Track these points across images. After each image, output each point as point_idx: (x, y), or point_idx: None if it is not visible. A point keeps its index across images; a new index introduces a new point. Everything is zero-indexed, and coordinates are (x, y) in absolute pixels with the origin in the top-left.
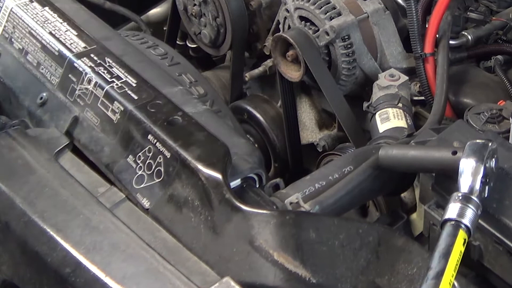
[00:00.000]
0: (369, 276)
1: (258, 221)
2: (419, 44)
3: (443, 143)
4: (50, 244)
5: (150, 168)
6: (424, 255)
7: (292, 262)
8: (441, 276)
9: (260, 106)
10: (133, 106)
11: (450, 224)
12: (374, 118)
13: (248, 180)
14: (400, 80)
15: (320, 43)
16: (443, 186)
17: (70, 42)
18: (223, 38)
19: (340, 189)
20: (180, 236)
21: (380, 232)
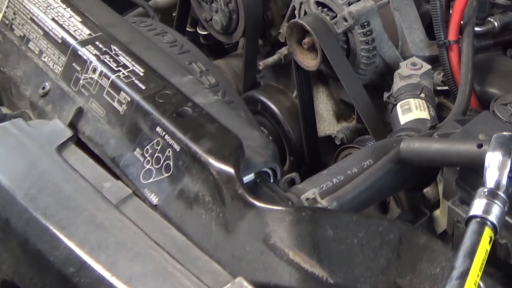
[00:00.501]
0: (389, 276)
1: (272, 218)
2: (443, 31)
3: (468, 136)
4: (52, 242)
5: (159, 162)
6: (447, 254)
7: (308, 262)
8: (465, 276)
9: (275, 96)
10: (140, 96)
11: (475, 221)
12: (395, 109)
13: (262, 174)
14: (423, 69)
15: (338, 30)
16: (467, 181)
17: (74, 29)
18: (235, 24)
19: (359, 184)
20: (190, 234)
21: (402, 230)
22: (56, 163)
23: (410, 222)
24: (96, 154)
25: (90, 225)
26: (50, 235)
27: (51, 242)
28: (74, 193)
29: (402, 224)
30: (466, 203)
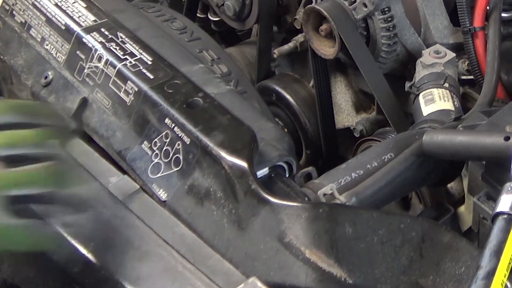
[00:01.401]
0: (411, 276)
1: (288, 214)
2: (468, 17)
3: (494, 128)
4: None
5: (168, 156)
6: (473, 253)
7: (326, 261)
8: (492, 276)
9: (290, 86)
10: (148, 86)
11: (502, 218)
12: (418, 99)
13: (277, 169)
14: (447, 57)
15: (357, 16)
16: (494, 176)
17: (78, 15)
18: (248, 10)
19: (379, 179)
20: (201, 232)
21: (424, 227)
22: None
23: (434, 219)
24: (101, 147)
25: (95, 222)
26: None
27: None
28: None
29: (425, 221)
30: (493, 199)
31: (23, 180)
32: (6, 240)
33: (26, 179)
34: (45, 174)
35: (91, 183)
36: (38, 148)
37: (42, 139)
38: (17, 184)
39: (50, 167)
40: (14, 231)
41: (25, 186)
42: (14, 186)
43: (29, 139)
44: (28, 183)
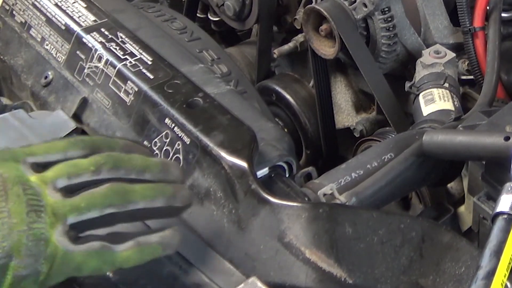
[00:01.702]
0: (411, 276)
1: (288, 214)
2: (468, 17)
3: (494, 128)
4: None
5: (168, 156)
6: (473, 253)
7: (326, 261)
8: (492, 276)
9: (290, 86)
10: (148, 86)
11: (502, 218)
12: (418, 99)
13: (277, 169)
14: (447, 57)
15: (357, 16)
16: (494, 176)
17: (78, 15)
18: (248, 10)
19: (379, 179)
20: (200, 231)
21: (424, 227)
22: None
23: (434, 219)
24: None
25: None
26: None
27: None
28: None
29: (425, 221)
30: (493, 199)
31: (83, 205)
32: (68, 268)
33: (86, 203)
34: (102, 195)
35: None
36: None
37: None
38: (77, 210)
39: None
40: (75, 257)
41: (85, 210)
42: (74, 213)
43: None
44: (87, 208)
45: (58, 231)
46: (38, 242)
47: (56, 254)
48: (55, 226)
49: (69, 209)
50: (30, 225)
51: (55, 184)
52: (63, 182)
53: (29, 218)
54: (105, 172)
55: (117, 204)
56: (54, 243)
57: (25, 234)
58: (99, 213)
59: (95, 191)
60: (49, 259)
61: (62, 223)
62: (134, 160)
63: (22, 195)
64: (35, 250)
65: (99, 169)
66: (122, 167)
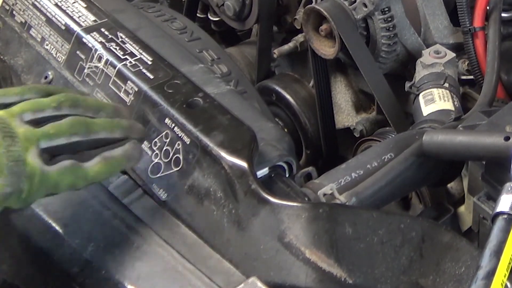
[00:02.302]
0: (411, 276)
1: (288, 214)
2: (468, 17)
3: (494, 128)
4: (55, 240)
5: (168, 156)
6: (473, 253)
7: (326, 261)
8: (492, 276)
9: (290, 86)
10: (148, 86)
11: (502, 218)
12: (418, 99)
13: (277, 169)
14: (447, 57)
15: (357, 16)
16: (494, 176)
17: (78, 15)
18: (248, 10)
19: (379, 179)
20: (200, 232)
21: (424, 227)
22: None
23: (434, 219)
24: None
25: (95, 222)
26: (53, 233)
27: (54, 240)
28: None
29: (425, 221)
30: (493, 199)
31: (52, 132)
32: (46, 185)
33: (54, 130)
34: (67, 125)
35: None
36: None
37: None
38: (47, 136)
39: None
40: (51, 175)
41: (54, 137)
42: (44, 138)
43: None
44: (56, 134)
45: (33, 153)
46: (17, 162)
47: (34, 173)
48: (29, 149)
49: (40, 135)
50: (7, 148)
51: (22, 117)
52: (28, 115)
53: (5, 142)
54: (66, 109)
55: (81, 133)
56: (31, 164)
57: (4, 155)
58: (66, 140)
59: (61, 122)
60: (29, 178)
61: (35, 147)
62: (89, 100)
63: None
64: (16, 169)
65: (60, 106)
66: (80, 105)
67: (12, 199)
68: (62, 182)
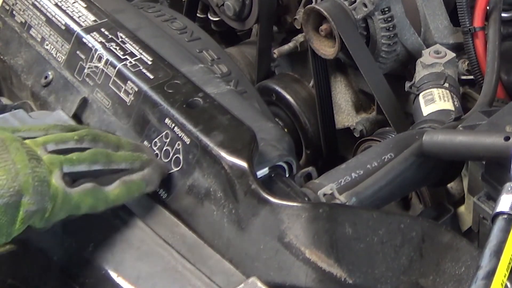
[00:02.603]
0: (411, 276)
1: (288, 214)
2: (468, 17)
3: (494, 128)
4: (55, 241)
5: (168, 156)
6: (473, 253)
7: (326, 261)
8: (492, 276)
9: (290, 86)
10: (148, 86)
11: (502, 218)
12: (418, 99)
13: (277, 169)
14: (447, 57)
15: (357, 16)
16: (494, 176)
17: (78, 15)
18: (248, 10)
19: (379, 179)
20: (201, 232)
21: (424, 227)
22: None
23: (434, 219)
24: None
25: (95, 222)
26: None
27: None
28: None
29: (425, 221)
30: (493, 199)
31: (74, 158)
32: (68, 206)
33: (76, 157)
34: (89, 154)
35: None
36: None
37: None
38: (69, 162)
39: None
40: (73, 197)
41: (76, 163)
42: (67, 163)
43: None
44: (78, 161)
45: (56, 176)
46: (42, 183)
47: (57, 194)
48: (53, 172)
49: (63, 160)
50: (33, 169)
51: (45, 147)
52: (52, 146)
53: (31, 163)
54: (87, 143)
55: (102, 162)
56: (55, 185)
57: (30, 176)
58: (88, 167)
59: (83, 152)
60: (52, 198)
61: (58, 170)
62: (111, 137)
63: (21, 148)
64: (41, 189)
65: (82, 139)
66: (101, 140)
67: (36, 217)
68: (83, 204)
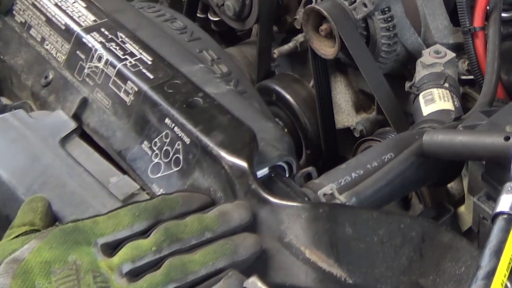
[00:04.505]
0: (411, 276)
1: (288, 214)
2: (468, 17)
3: (494, 128)
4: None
5: (168, 156)
6: (473, 253)
7: (326, 261)
8: (492, 276)
9: (290, 86)
10: (148, 86)
11: (502, 218)
12: (418, 99)
13: (277, 168)
14: (447, 57)
15: (357, 16)
16: (494, 176)
17: (78, 15)
18: (248, 10)
19: (379, 179)
20: None
21: (424, 227)
22: (60, 156)
23: (434, 219)
24: (101, 147)
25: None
26: None
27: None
28: (78, 189)
29: (425, 221)
30: (493, 199)
31: (144, 285)
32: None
33: (146, 284)
34: (163, 274)
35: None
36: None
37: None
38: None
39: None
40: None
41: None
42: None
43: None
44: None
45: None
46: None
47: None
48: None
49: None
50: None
51: (121, 270)
52: (128, 266)
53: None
54: (166, 249)
55: (178, 278)
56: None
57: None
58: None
59: (157, 273)
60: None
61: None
62: (191, 226)
63: (92, 283)
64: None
65: (160, 248)
66: (181, 239)
67: None
68: None
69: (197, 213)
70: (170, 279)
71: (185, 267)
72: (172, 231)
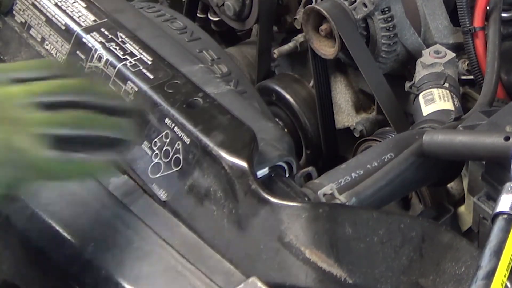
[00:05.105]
0: (411, 276)
1: (288, 214)
2: (468, 17)
3: (494, 128)
4: (55, 241)
5: (168, 156)
6: (473, 253)
7: (326, 261)
8: (492, 276)
9: (290, 86)
10: (148, 86)
11: (502, 218)
12: (418, 99)
13: (277, 168)
14: (447, 57)
15: (357, 16)
16: (494, 176)
17: (78, 15)
18: (248, 10)
19: (379, 179)
20: (201, 232)
21: (424, 227)
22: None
23: (433, 219)
24: None
25: (95, 222)
26: (53, 233)
27: (54, 240)
28: (78, 188)
29: (425, 221)
30: (493, 199)
31: (63, 121)
32: (45, 172)
33: (64, 119)
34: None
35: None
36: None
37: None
38: (57, 125)
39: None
40: (52, 163)
41: (66, 127)
42: (53, 127)
43: (69, 87)
44: (67, 123)
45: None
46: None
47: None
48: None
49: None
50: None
51: (39, 100)
52: (46, 98)
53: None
54: (83, 96)
55: (88, 127)
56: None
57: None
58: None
59: (75, 112)
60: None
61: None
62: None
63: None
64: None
65: (77, 94)
66: (97, 93)
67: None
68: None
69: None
70: (83, 126)
71: (95, 121)
72: (91, 87)
